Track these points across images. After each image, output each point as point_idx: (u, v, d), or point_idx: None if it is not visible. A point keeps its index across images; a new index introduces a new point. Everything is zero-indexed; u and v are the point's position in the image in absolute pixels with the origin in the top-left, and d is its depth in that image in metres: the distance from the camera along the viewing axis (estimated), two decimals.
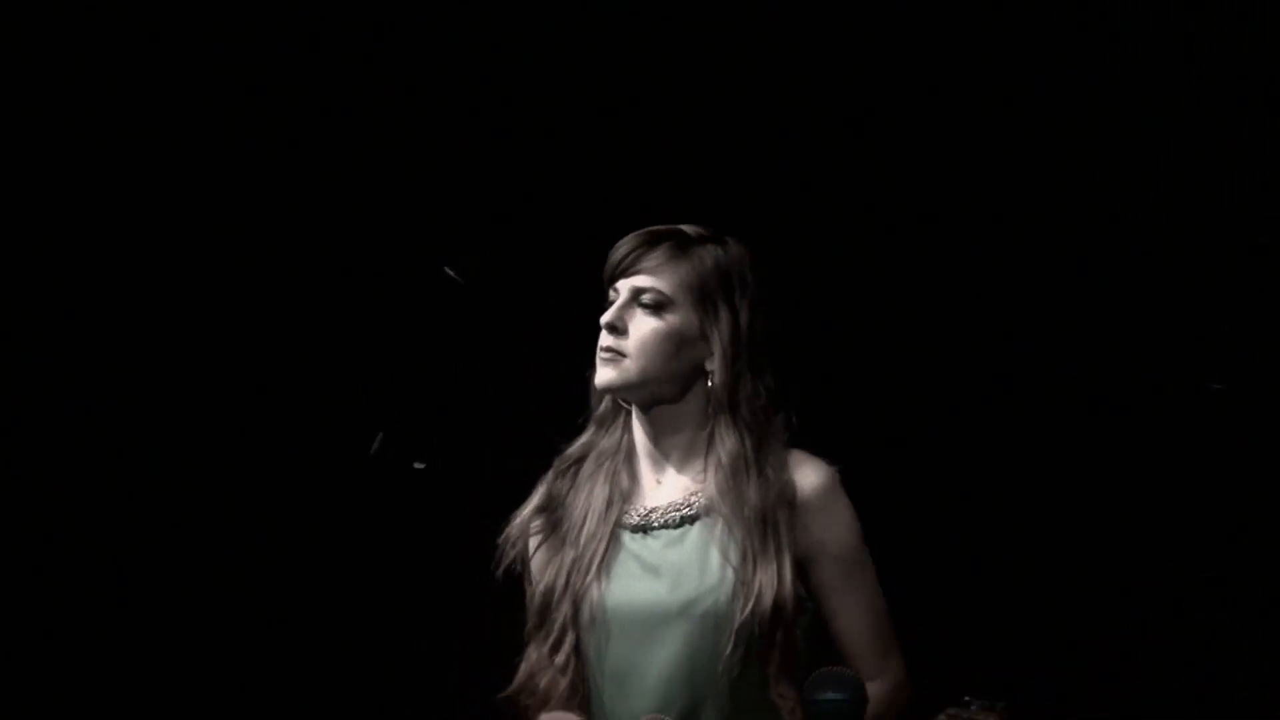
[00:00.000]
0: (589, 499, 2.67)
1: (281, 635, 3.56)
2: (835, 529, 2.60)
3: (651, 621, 2.58)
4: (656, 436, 2.66)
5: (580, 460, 2.71)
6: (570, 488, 2.69)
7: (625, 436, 2.70)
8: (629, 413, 2.70)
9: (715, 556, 2.58)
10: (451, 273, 2.92)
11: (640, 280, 2.64)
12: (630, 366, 2.62)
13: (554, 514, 2.69)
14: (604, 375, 2.63)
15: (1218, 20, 3.22)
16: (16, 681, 3.48)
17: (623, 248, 2.66)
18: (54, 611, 3.50)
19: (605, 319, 2.64)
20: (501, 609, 2.67)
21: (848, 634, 2.60)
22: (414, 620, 3.57)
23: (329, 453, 3.53)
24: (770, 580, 2.53)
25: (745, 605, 2.52)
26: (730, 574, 2.56)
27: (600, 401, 2.71)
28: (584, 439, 2.72)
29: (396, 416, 3.41)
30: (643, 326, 2.63)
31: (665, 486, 2.66)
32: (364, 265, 3.54)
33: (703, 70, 3.46)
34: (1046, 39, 3.31)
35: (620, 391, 2.64)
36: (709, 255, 2.64)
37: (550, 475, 2.71)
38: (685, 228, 2.67)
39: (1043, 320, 3.36)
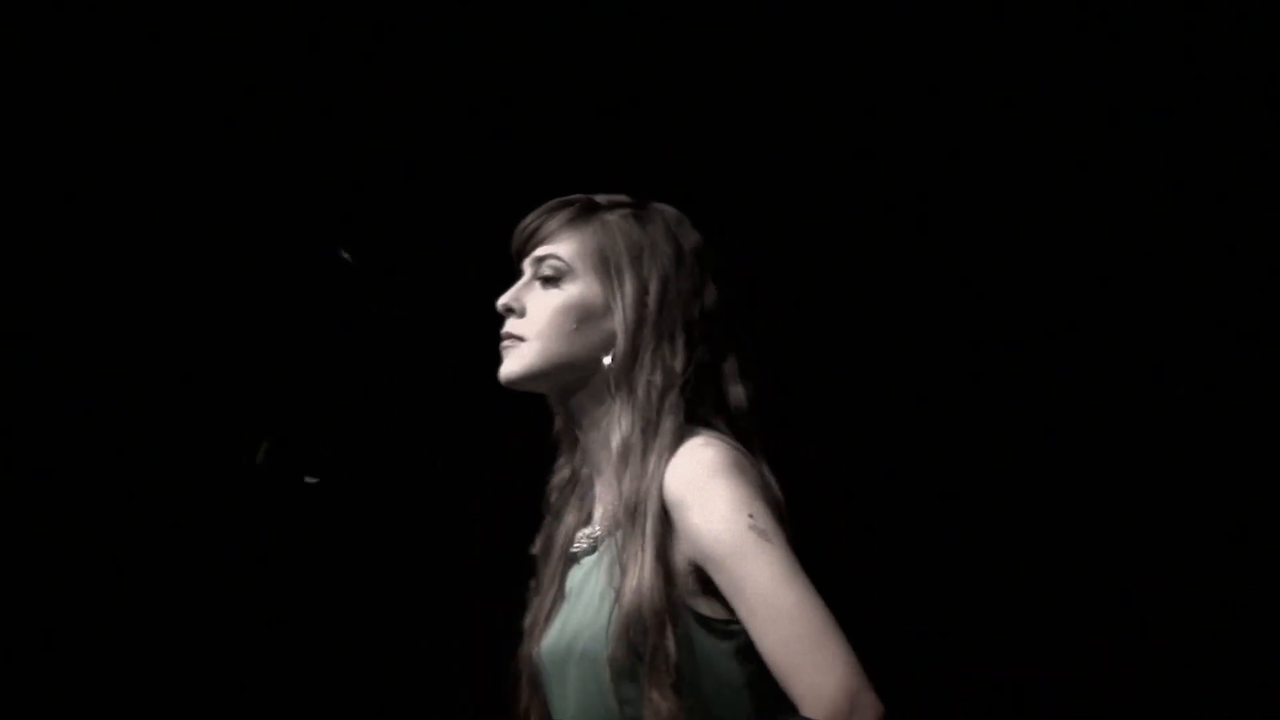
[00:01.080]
0: (550, 541, 2.33)
1: (276, 639, 3.54)
2: (708, 524, 2.11)
3: (556, 668, 2.22)
4: (586, 439, 2.29)
5: (563, 487, 2.36)
6: (548, 541, 2.35)
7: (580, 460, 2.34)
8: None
9: (602, 579, 2.19)
10: (346, 255, 2.71)
11: (540, 250, 2.29)
12: (528, 350, 2.26)
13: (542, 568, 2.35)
14: (504, 368, 2.27)
15: (1218, 20, 3.14)
16: (16, 681, 3.46)
17: (526, 220, 2.33)
18: (53, 611, 3.48)
19: (500, 301, 2.29)
20: None
21: (764, 651, 2.07)
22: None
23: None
24: (635, 593, 2.11)
25: (613, 629, 2.12)
26: (608, 599, 2.15)
27: (555, 416, 2.36)
28: (556, 467, 2.37)
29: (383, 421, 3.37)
30: (540, 303, 2.27)
31: (598, 501, 2.29)
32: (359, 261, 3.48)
33: (693, 66, 3.37)
34: (1046, 34, 3.25)
35: (527, 382, 2.27)
36: (616, 218, 2.29)
37: (537, 543, 2.37)
38: (599, 196, 2.33)
39: (1027, 314, 3.28)
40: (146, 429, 3.51)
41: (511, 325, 2.29)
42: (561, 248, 2.29)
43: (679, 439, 2.19)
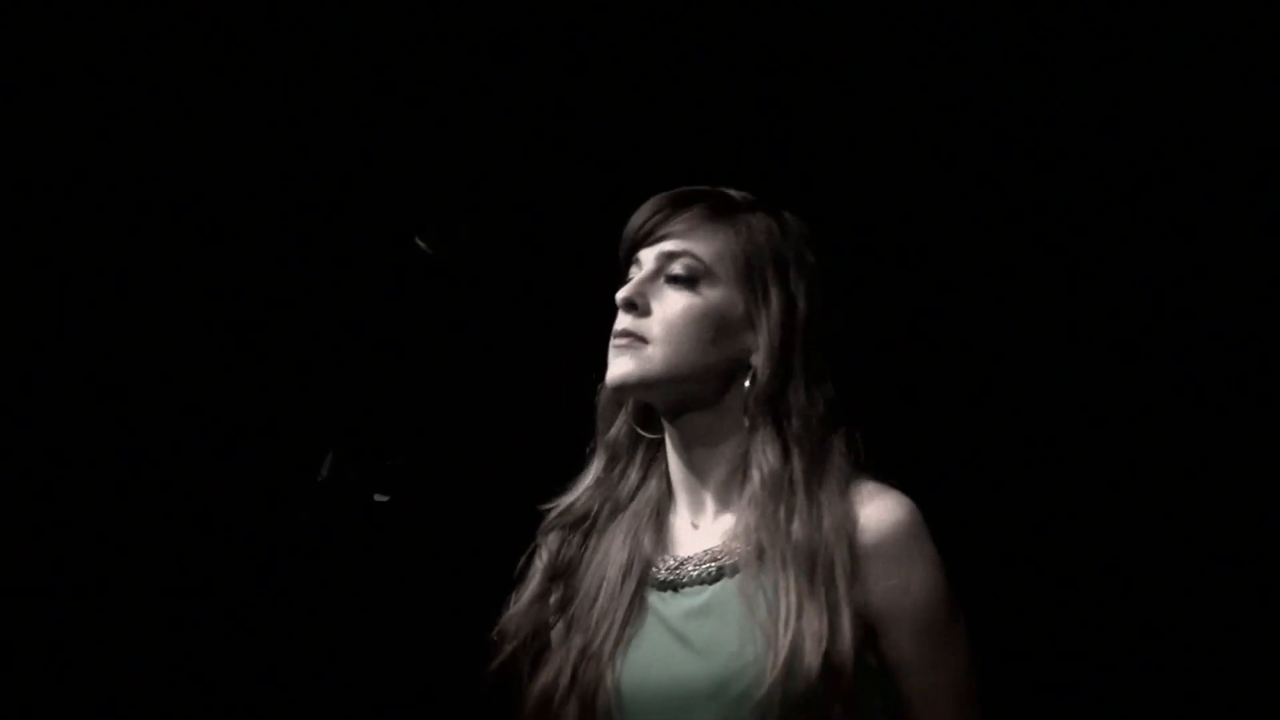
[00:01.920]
0: (604, 562, 2.08)
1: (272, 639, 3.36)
2: (915, 586, 1.96)
3: (678, 706, 1.99)
4: (691, 459, 2.06)
5: (588, 514, 2.12)
6: (581, 550, 2.11)
7: (651, 473, 2.12)
8: (654, 442, 2.12)
9: (755, 616, 1.97)
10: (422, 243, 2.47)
11: (669, 245, 2.06)
12: (654, 355, 2.02)
13: (563, 592, 2.11)
14: (618, 368, 2.03)
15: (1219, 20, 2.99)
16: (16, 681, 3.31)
17: (646, 209, 2.08)
18: (51, 611, 3.32)
19: (622, 294, 2.05)
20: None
21: (923, 710, 1.98)
22: None
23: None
24: (815, 640, 1.92)
25: (777, 674, 1.92)
26: (760, 640, 1.95)
27: (611, 422, 2.14)
28: (589, 479, 2.13)
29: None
30: (671, 304, 2.03)
31: (703, 528, 2.07)
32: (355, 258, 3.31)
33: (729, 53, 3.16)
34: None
35: (641, 389, 2.04)
36: (759, 222, 2.06)
37: (550, 540, 2.13)
38: (729, 190, 2.11)
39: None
40: (142, 427, 3.35)
41: (634, 323, 2.05)
42: (699, 246, 2.06)
43: (847, 480, 2.01)
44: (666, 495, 2.10)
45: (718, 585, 2.01)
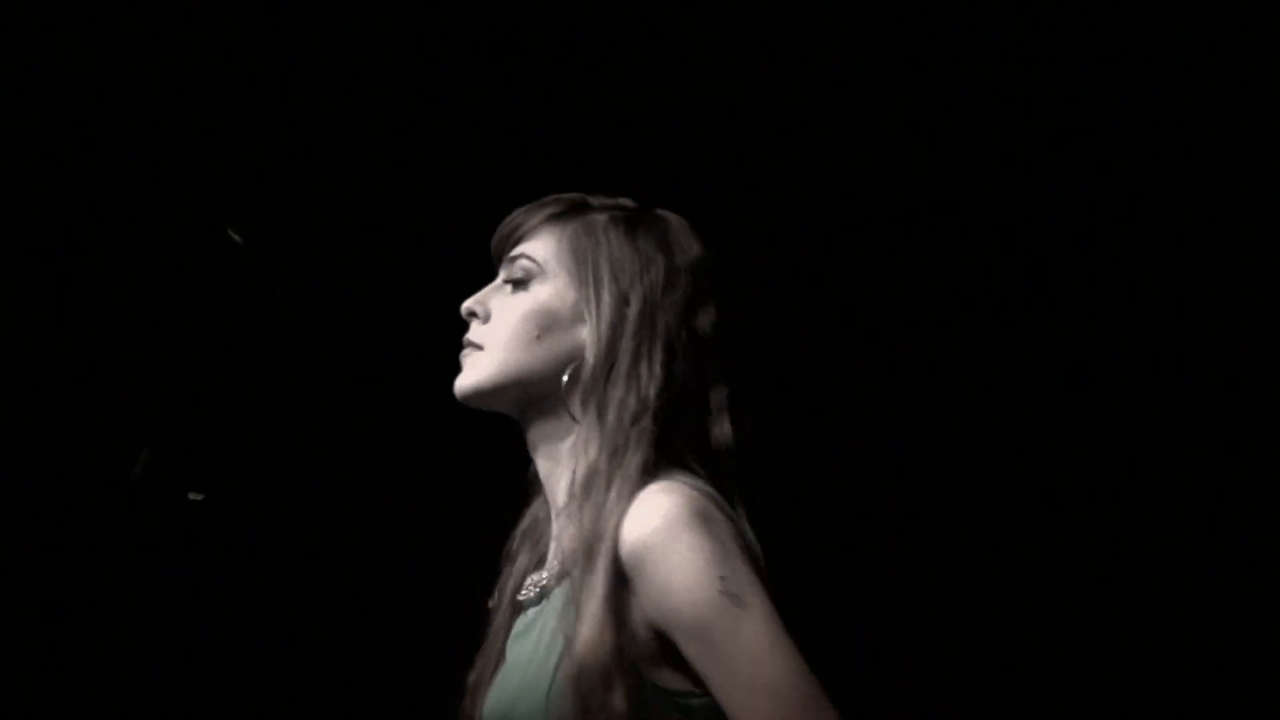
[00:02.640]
0: (506, 586, 2.04)
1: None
2: (672, 589, 1.81)
3: None
4: (544, 465, 2.01)
5: (523, 534, 2.07)
6: (509, 576, 2.06)
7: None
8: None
9: (548, 629, 1.91)
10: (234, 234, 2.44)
11: (513, 250, 2.02)
12: (485, 360, 1.98)
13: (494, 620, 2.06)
14: (459, 380, 2.00)
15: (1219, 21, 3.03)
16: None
17: (504, 222, 2.05)
18: (49, 611, 3.36)
19: (464, 306, 2.03)
20: None
21: (736, 716, 1.81)
22: None
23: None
24: (583, 640, 1.83)
25: (556, 687, 1.84)
26: (555, 652, 1.87)
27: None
28: (527, 512, 2.08)
29: None
30: (503, 307, 1.99)
31: (551, 545, 2.00)
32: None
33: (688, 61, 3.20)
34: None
35: (479, 397, 1.99)
36: (605, 219, 2.00)
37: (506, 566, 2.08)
38: (595, 196, 2.05)
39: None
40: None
41: (472, 332, 2.02)
42: (535, 246, 2.01)
43: (645, 476, 1.89)
44: (545, 505, 2.04)
45: (539, 604, 1.96)
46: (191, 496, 2.45)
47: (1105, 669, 3.08)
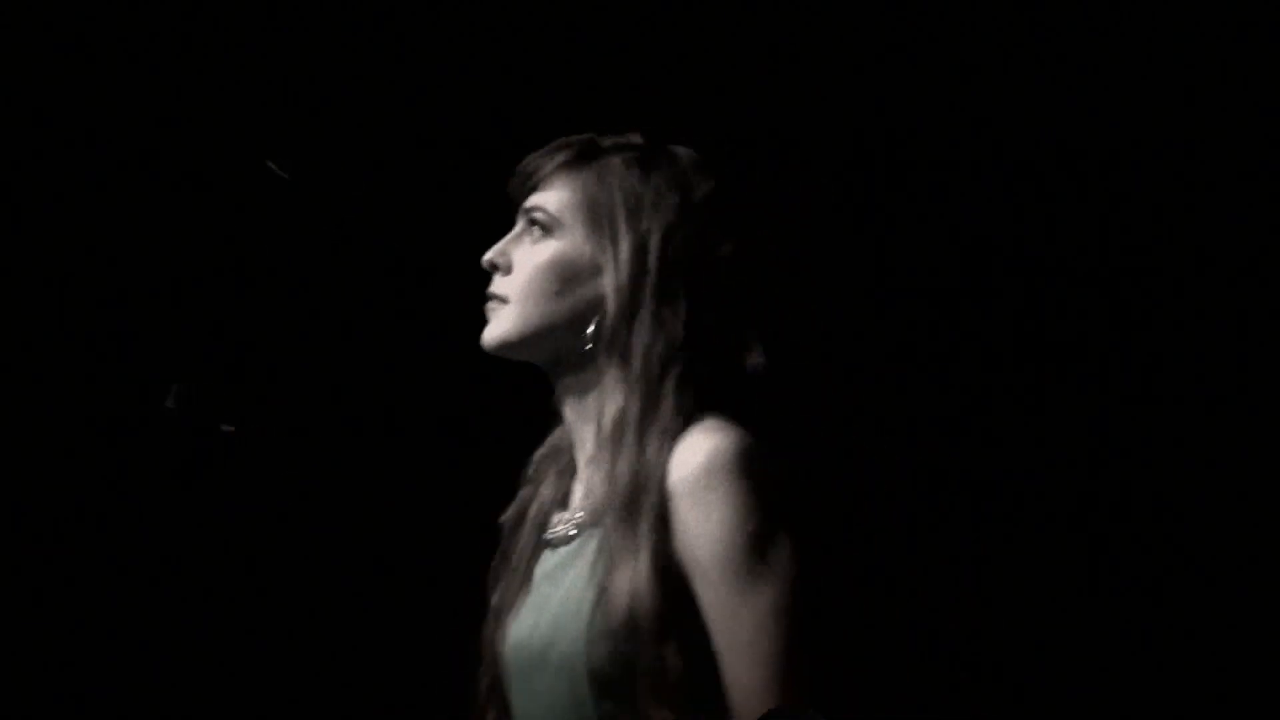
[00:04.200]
0: (526, 517, 2.06)
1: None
2: (704, 527, 1.83)
3: (523, 671, 1.95)
4: (570, 413, 2.02)
5: (544, 459, 2.10)
6: (530, 499, 2.09)
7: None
8: None
9: (582, 574, 1.92)
10: (275, 168, 2.41)
11: (529, 200, 2.02)
12: (509, 315, 1.99)
13: (506, 549, 2.08)
14: (485, 332, 2.02)
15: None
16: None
17: (522, 164, 2.05)
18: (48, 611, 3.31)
19: (485, 257, 2.04)
20: None
21: (725, 674, 1.83)
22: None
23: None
24: (624, 590, 1.84)
25: (586, 633, 1.85)
26: (589, 599, 1.88)
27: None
28: (550, 438, 2.11)
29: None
30: (522, 259, 2.00)
31: (577, 485, 2.03)
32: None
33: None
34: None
35: (505, 349, 2.01)
36: (615, 164, 2.00)
37: (521, 493, 2.11)
38: (605, 136, 2.05)
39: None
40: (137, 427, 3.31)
41: (495, 284, 2.03)
42: (550, 197, 2.01)
43: (686, 419, 1.90)
44: (574, 455, 2.05)
45: (575, 542, 1.96)
46: (224, 429, 2.44)
47: (1105, 669, 3.05)
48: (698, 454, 1.85)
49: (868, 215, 3.16)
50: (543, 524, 2.03)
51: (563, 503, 2.03)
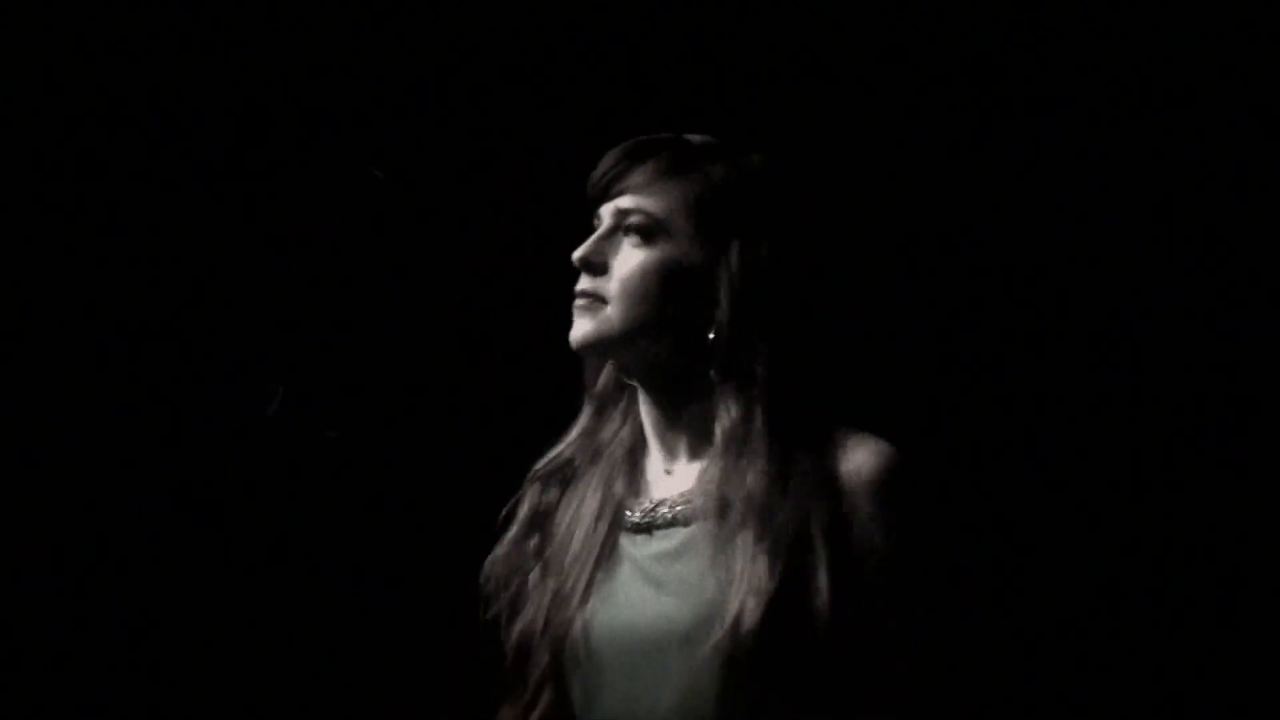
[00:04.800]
0: (579, 508, 2.08)
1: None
2: (882, 540, 1.93)
3: (651, 649, 1.97)
4: (660, 412, 2.04)
5: (570, 460, 2.12)
6: (559, 498, 2.11)
7: (630, 423, 2.11)
8: (636, 391, 2.10)
9: (722, 566, 1.95)
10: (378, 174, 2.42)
11: (625, 201, 2.02)
12: (611, 315, 2.00)
13: (540, 537, 2.10)
14: (578, 329, 2.02)
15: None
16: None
17: (603, 163, 2.05)
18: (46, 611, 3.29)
19: (578, 254, 2.03)
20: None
21: (889, 668, 1.93)
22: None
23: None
24: (756, 591, 1.90)
25: (731, 626, 1.90)
26: (740, 586, 1.92)
27: (597, 374, 2.12)
28: (576, 430, 2.12)
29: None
30: (627, 261, 2.01)
31: (677, 473, 2.05)
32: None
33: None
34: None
35: (600, 349, 2.03)
36: (718, 168, 2.02)
37: (532, 487, 2.13)
38: (691, 136, 2.06)
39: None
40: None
41: (590, 282, 2.03)
42: (653, 201, 2.02)
43: (822, 431, 1.97)
44: (641, 441, 2.08)
45: (690, 529, 1.99)
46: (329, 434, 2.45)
47: (1104, 670, 3.04)
48: (871, 459, 1.94)
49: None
50: (608, 512, 2.05)
51: (632, 494, 2.06)
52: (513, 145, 3.17)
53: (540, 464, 2.13)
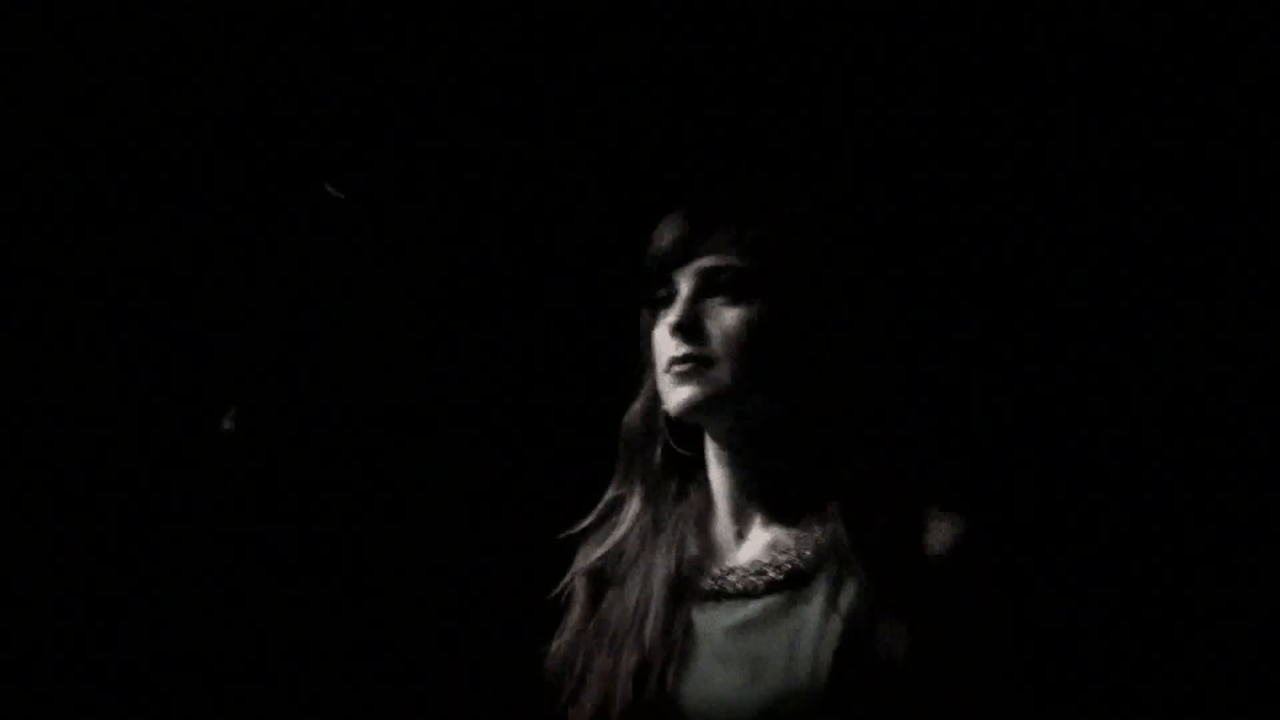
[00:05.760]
0: (647, 577, 2.03)
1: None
2: (959, 607, 1.92)
3: None
4: (738, 471, 2.01)
5: (624, 540, 2.07)
6: (617, 575, 2.07)
7: (689, 486, 2.06)
8: (690, 461, 2.06)
9: (816, 636, 1.93)
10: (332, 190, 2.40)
11: (708, 261, 1.99)
12: (721, 375, 1.96)
13: (602, 618, 2.06)
14: (684, 394, 1.97)
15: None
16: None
17: (673, 228, 2.01)
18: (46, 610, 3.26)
19: (673, 319, 1.98)
20: None
21: None
22: None
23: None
24: (863, 659, 1.90)
25: (824, 694, 1.90)
26: (827, 662, 1.91)
27: (644, 452, 2.07)
28: (628, 517, 2.07)
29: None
30: (728, 320, 1.97)
31: (750, 538, 2.02)
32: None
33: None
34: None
35: (711, 410, 1.97)
36: (793, 222, 2.01)
37: (589, 572, 2.09)
38: (747, 185, 2.05)
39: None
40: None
41: (690, 347, 1.98)
42: (741, 259, 2.00)
43: (912, 494, 1.97)
44: (707, 507, 2.05)
45: (767, 599, 1.97)
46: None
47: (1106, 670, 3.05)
48: (950, 535, 1.94)
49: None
50: (678, 581, 2.02)
51: (704, 558, 2.03)
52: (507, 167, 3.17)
53: (597, 553, 2.08)
